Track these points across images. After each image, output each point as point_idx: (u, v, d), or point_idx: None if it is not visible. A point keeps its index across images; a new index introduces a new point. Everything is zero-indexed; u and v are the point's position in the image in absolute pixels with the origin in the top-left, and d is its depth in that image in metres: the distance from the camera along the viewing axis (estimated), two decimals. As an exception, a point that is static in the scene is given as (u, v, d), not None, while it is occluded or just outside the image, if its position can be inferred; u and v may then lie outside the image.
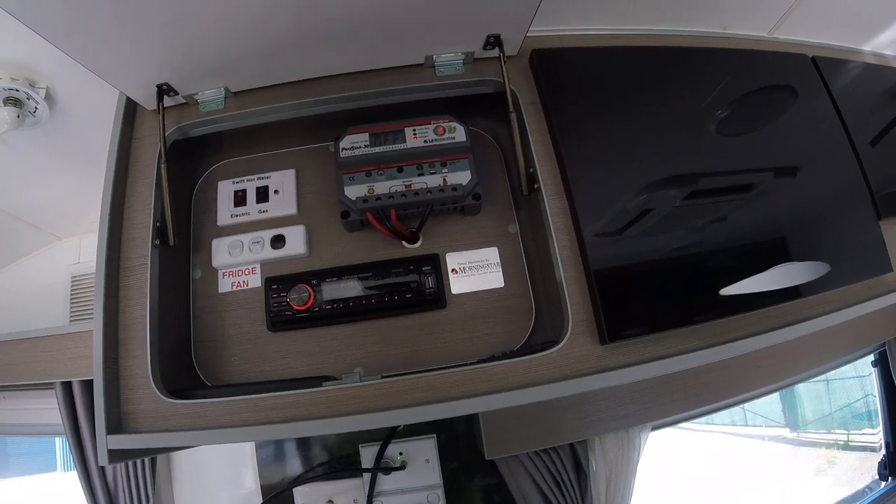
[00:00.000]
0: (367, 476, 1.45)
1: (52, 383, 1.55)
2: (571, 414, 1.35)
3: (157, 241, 0.95)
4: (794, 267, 0.99)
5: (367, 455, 1.48)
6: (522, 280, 1.06)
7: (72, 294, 1.87)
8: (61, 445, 2.10)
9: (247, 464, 1.63)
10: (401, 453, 1.47)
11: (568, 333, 0.88)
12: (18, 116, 1.20)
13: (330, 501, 1.48)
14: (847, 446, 3.11)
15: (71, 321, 1.83)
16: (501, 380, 0.85)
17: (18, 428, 1.82)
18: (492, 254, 1.07)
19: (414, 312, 1.03)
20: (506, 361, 0.86)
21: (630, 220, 0.96)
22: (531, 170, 1.00)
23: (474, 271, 1.06)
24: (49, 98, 1.21)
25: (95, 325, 0.87)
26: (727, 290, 0.94)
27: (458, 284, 1.05)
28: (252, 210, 1.10)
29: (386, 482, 1.46)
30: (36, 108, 1.22)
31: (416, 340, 1.02)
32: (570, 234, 0.94)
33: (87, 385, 1.50)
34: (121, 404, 0.87)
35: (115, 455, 0.84)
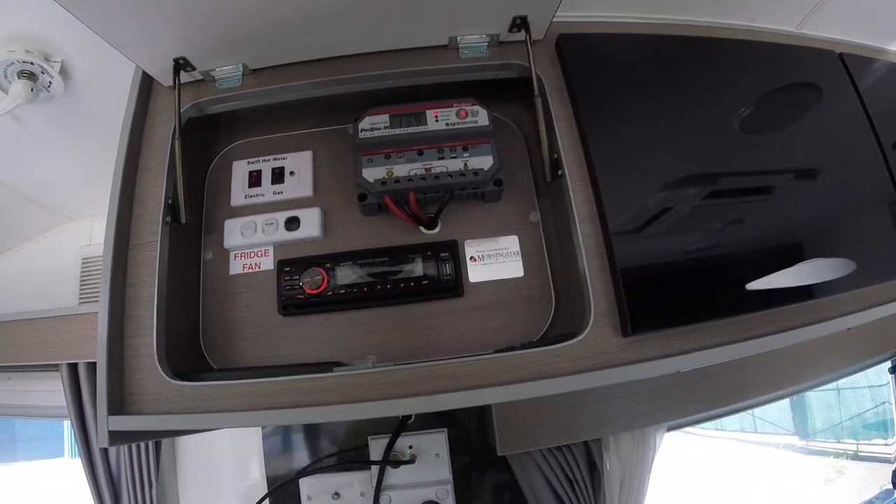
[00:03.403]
0: (375, 469, 1.43)
1: (57, 365, 1.54)
2: (587, 411, 1.32)
3: (168, 219, 0.93)
4: (820, 263, 0.96)
5: (377, 447, 1.45)
6: (543, 270, 1.03)
7: (81, 276, 1.85)
8: (69, 430, 2.09)
9: (253, 454, 1.61)
10: (410, 447, 1.45)
11: (590, 324, 0.85)
12: (32, 90, 1.18)
13: (336, 494, 1.46)
14: (856, 456, 3.09)
15: (80, 304, 1.81)
16: (520, 371, 0.82)
17: (25, 409, 1.82)
18: (512, 242, 1.04)
19: (430, 300, 1.00)
20: (525, 352, 0.84)
21: (656, 211, 0.93)
22: (555, 156, 0.97)
23: (493, 260, 1.03)
24: (64, 72, 1.19)
25: (101, 302, 0.85)
26: (754, 285, 0.91)
27: (477, 273, 1.02)
28: (267, 191, 1.08)
29: (394, 476, 1.43)
30: (50, 82, 1.20)
31: (431, 329, 0.99)
32: (595, 223, 0.91)
33: (93, 367, 1.49)
34: (124, 385, 0.85)
35: (116, 437, 0.82)
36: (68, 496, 1.92)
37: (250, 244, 1.04)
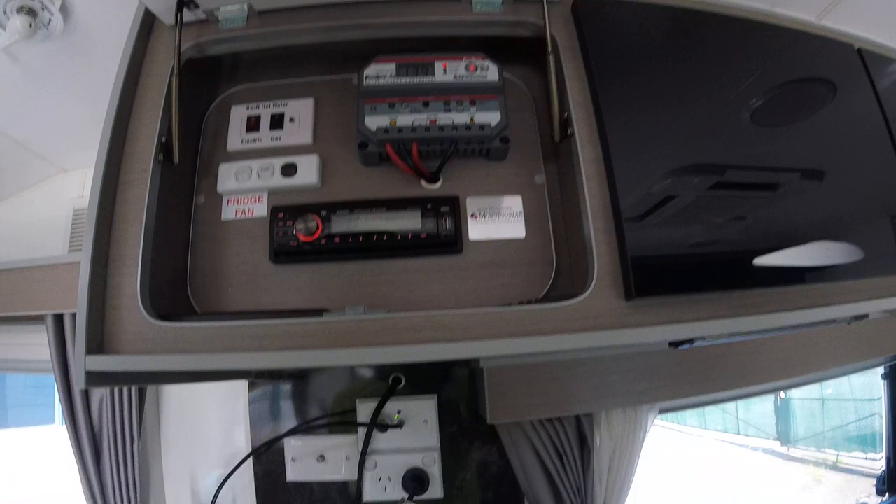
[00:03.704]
0: (361, 432, 1.41)
1: (42, 315, 1.51)
2: (581, 384, 1.30)
3: (160, 157, 0.90)
4: (828, 246, 0.94)
5: (364, 410, 1.43)
6: (545, 233, 1.00)
7: (72, 228, 1.82)
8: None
9: (239, 419, 1.58)
10: (399, 411, 1.42)
11: (592, 285, 0.83)
12: (31, 26, 1.15)
13: (321, 456, 1.44)
14: (835, 467, 3.10)
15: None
16: (516, 326, 0.79)
17: (10, 364, 1.79)
18: (515, 202, 1.01)
19: (427, 255, 0.98)
20: (523, 307, 0.81)
21: (666, 183, 0.91)
22: (565, 114, 0.94)
23: (495, 218, 1.00)
24: (64, 10, 1.16)
25: (86, 237, 0.81)
26: (761, 261, 0.89)
27: (477, 230, 0.99)
28: (265, 136, 1.05)
29: (381, 440, 1.41)
30: (50, 19, 1.17)
31: (426, 285, 0.97)
32: (602, 184, 0.88)
33: (79, 317, 1.46)
34: (105, 324, 0.81)
35: (94, 378, 0.78)
36: (54, 462, 1.90)
37: (244, 189, 1.01)
